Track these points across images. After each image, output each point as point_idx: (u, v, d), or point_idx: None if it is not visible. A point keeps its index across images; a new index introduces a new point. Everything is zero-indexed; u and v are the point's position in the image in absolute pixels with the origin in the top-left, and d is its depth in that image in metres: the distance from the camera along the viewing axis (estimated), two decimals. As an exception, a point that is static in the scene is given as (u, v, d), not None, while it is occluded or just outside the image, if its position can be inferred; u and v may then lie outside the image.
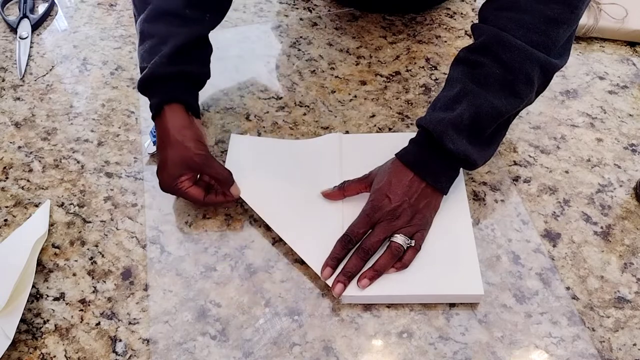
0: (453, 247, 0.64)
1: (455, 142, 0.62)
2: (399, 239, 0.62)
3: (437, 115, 0.64)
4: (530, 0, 0.62)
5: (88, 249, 0.68)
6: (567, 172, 0.73)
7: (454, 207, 0.67)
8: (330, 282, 0.61)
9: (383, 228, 0.62)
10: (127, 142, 0.79)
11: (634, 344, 0.58)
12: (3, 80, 0.89)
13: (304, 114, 0.81)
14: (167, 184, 0.67)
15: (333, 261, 0.62)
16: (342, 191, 0.67)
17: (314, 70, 0.87)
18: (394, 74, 0.86)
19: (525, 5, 0.62)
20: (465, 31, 0.92)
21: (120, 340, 0.60)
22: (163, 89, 0.67)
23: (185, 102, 0.68)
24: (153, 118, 0.69)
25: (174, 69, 0.67)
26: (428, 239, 0.64)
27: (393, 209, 0.63)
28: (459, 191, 0.69)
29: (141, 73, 0.68)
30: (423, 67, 0.87)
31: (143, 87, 0.68)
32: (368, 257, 0.62)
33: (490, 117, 0.63)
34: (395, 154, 0.67)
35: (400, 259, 0.62)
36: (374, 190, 0.65)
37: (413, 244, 0.62)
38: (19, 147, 0.79)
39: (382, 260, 0.61)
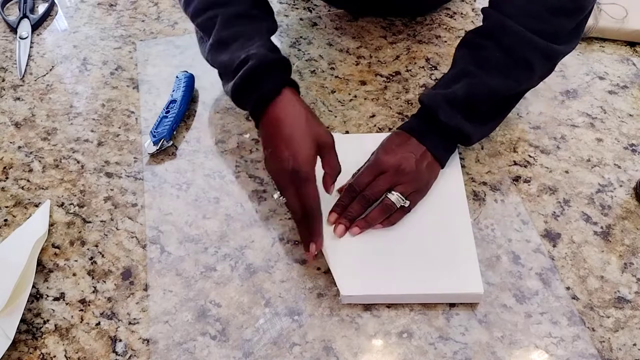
0: (452, 246, 0.64)
1: (448, 116, 0.66)
2: (394, 196, 0.64)
3: (433, 92, 0.69)
4: None
5: (88, 249, 0.68)
6: (567, 172, 0.73)
7: (454, 206, 0.67)
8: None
9: (386, 179, 0.65)
10: (127, 142, 0.79)
11: (634, 344, 0.58)
12: (3, 80, 0.89)
13: (304, 114, 0.81)
14: (306, 160, 0.60)
15: (338, 207, 0.66)
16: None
17: (314, 70, 0.87)
18: (394, 74, 0.86)
19: None
20: (465, 31, 0.92)
21: (120, 340, 0.60)
22: (280, 74, 0.66)
23: (296, 85, 0.67)
24: (264, 105, 0.64)
25: (279, 56, 0.66)
26: (428, 239, 0.65)
27: (398, 160, 0.65)
28: (458, 191, 0.69)
29: (233, 76, 0.66)
30: (423, 67, 0.87)
31: (254, 75, 0.64)
32: (368, 205, 0.65)
33: (485, 96, 0.67)
34: (397, 128, 0.71)
35: (388, 217, 0.65)
36: (377, 150, 0.69)
37: (407, 205, 0.64)
38: (19, 147, 0.79)
39: (373, 213, 0.65)
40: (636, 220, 0.68)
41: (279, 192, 0.64)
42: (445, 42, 0.90)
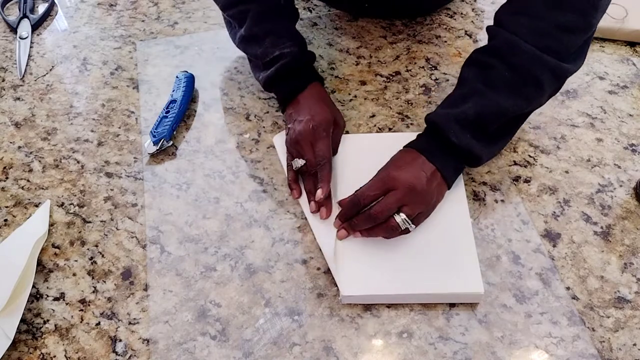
0: (453, 246, 0.64)
1: (459, 137, 0.64)
2: (399, 218, 0.62)
3: (443, 111, 0.67)
4: (545, 6, 0.63)
5: (88, 249, 0.68)
6: (567, 172, 0.73)
7: (454, 207, 0.67)
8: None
9: (396, 197, 0.63)
10: (127, 142, 0.79)
11: (634, 344, 0.58)
12: (3, 80, 0.89)
13: (304, 114, 0.81)
14: (324, 121, 0.71)
15: (343, 218, 0.66)
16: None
17: (314, 70, 0.87)
18: (394, 74, 0.86)
19: (539, 12, 0.63)
20: (465, 31, 0.92)
21: (120, 340, 0.60)
22: (308, 72, 0.76)
23: (321, 79, 0.78)
24: (293, 95, 0.74)
25: (307, 55, 0.76)
26: (428, 239, 0.65)
27: (411, 178, 0.63)
28: (458, 191, 0.69)
29: (264, 67, 0.76)
30: (423, 67, 0.87)
31: (285, 73, 0.74)
32: (375, 222, 0.63)
33: (495, 116, 0.65)
34: (404, 146, 0.69)
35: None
36: (387, 165, 0.67)
37: (412, 228, 0.63)
38: (19, 147, 0.79)
39: (378, 228, 0.64)
40: (636, 220, 0.68)
41: (297, 159, 0.70)
42: (445, 42, 0.90)
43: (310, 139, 0.70)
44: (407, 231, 0.63)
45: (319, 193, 0.67)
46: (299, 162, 0.69)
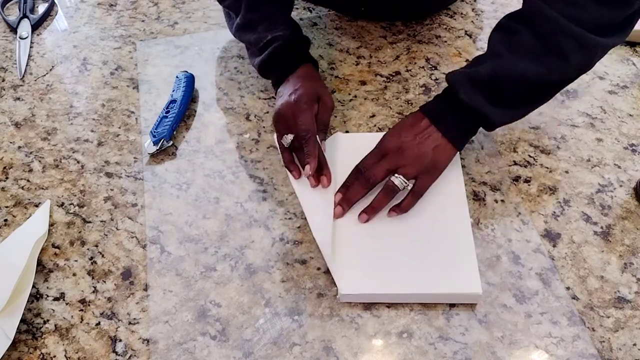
0: (451, 246, 0.64)
1: (469, 95, 0.65)
2: (397, 180, 0.65)
3: (459, 70, 0.68)
4: None
5: (88, 249, 0.68)
6: (567, 172, 0.73)
7: (454, 207, 0.67)
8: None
9: (388, 161, 0.66)
10: (127, 142, 0.79)
11: (634, 344, 0.58)
12: (3, 80, 0.89)
13: (304, 114, 0.81)
14: (307, 95, 0.71)
15: (343, 188, 0.68)
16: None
17: (314, 70, 0.87)
18: (394, 74, 0.86)
19: None
20: (465, 31, 0.92)
21: (120, 340, 0.60)
22: (299, 53, 0.77)
23: (314, 62, 0.80)
24: (285, 76, 0.76)
25: (299, 38, 0.78)
26: (428, 238, 0.65)
27: (401, 143, 0.66)
28: (458, 191, 0.69)
29: (259, 52, 0.77)
30: (423, 67, 0.87)
31: (277, 56, 0.75)
32: (369, 186, 0.66)
33: (511, 79, 0.64)
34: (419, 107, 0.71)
35: (399, 204, 0.66)
36: (388, 131, 0.69)
37: (410, 187, 0.65)
38: (19, 147, 0.79)
39: (378, 197, 0.66)
40: (636, 220, 0.68)
41: (286, 136, 0.71)
42: (445, 42, 0.90)
43: (292, 111, 0.71)
44: (413, 194, 0.65)
45: (307, 169, 0.68)
46: (289, 138, 0.70)
